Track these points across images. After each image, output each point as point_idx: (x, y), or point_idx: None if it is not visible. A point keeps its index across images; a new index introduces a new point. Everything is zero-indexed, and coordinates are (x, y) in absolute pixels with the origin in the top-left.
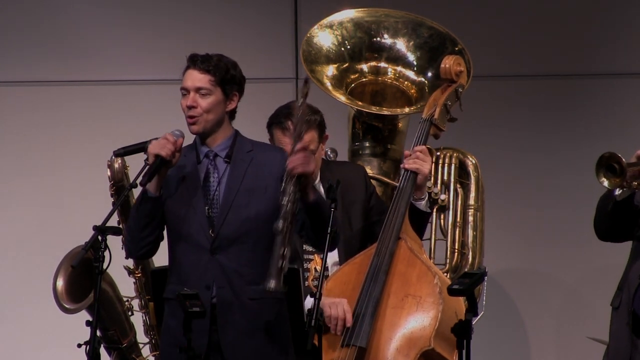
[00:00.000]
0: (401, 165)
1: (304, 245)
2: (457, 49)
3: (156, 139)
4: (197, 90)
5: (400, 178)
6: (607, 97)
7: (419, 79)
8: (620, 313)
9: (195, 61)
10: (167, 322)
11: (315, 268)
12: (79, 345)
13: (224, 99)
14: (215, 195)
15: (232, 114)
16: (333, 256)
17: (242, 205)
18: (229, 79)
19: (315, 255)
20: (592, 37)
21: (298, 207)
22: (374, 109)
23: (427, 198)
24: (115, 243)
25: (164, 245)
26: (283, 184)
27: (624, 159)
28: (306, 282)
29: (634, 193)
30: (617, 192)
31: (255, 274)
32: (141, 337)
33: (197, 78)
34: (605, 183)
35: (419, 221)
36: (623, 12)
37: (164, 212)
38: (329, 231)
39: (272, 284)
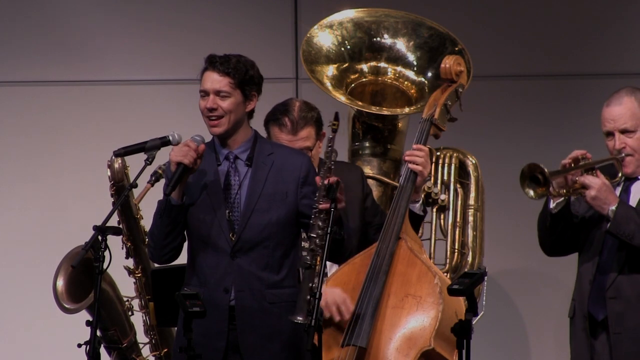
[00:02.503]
0: (403, 157)
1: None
2: (457, 49)
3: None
4: (217, 92)
5: (401, 178)
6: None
7: (419, 79)
8: (576, 321)
9: (214, 63)
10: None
11: None
12: (79, 345)
13: (244, 100)
14: (236, 198)
15: (250, 114)
16: None
17: (263, 209)
18: (247, 80)
19: None
20: (592, 37)
21: (329, 243)
22: (374, 109)
23: (421, 201)
24: (115, 243)
25: None
26: (312, 220)
27: (546, 169)
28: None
29: (569, 204)
30: (552, 205)
31: (274, 278)
32: (141, 337)
33: (216, 80)
34: (531, 193)
35: (413, 224)
36: (623, 13)
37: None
38: (328, 231)
39: (299, 317)
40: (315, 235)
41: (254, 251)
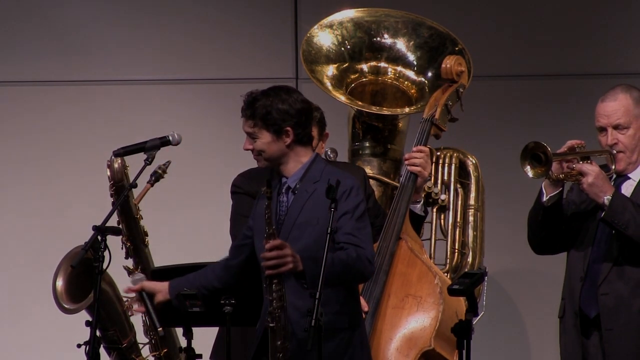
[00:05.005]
0: (404, 158)
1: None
2: (457, 49)
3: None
4: (249, 135)
5: (402, 179)
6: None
7: (419, 78)
8: (566, 320)
9: (242, 108)
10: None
11: None
12: (79, 345)
13: (274, 137)
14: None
15: (301, 142)
16: None
17: (295, 238)
18: (272, 119)
19: None
20: (592, 37)
21: (285, 303)
22: (374, 109)
23: (422, 202)
24: (115, 243)
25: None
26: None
27: (549, 149)
28: None
29: (562, 198)
30: (545, 198)
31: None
32: (141, 337)
33: (245, 124)
34: (530, 173)
35: (414, 224)
36: (624, 13)
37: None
38: (328, 231)
39: None
40: (272, 308)
41: (289, 280)
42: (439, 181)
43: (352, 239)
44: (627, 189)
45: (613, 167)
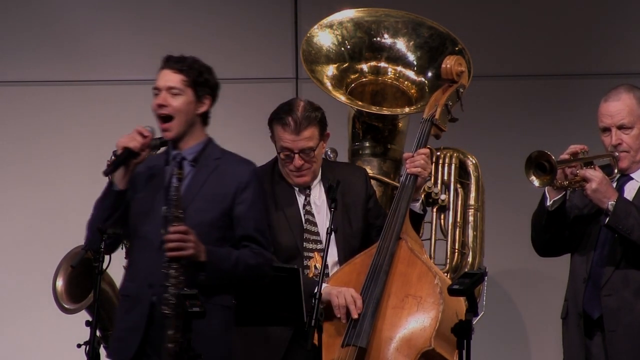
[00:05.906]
0: (403, 157)
1: (304, 243)
2: (457, 49)
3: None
4: (169, 89)
5: (402, 179)
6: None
7: (419, 78)
8: (569, 322)
9: (169, 61)
10: (117, 316)
11: (315, 266)
12: (79, 345)
13: (195, 101)
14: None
15: (204, 119)
16: (333, 256)
17: (197, 209)
18: (201, 81)
19: (315, 253)
20: (592, 37)
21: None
22: (374, 109)
23: (421, 200)
24: None
25: None
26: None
27: (553, 157)
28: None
29: (565, 202)
30: (549, 202)
31: (201, 278)
32: None
33: (169, 78)
34: (536, 182)
35: (413, 223)
36: (623, 12)
37: (127, 209)
38: (328, 231)
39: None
40: (168, 295)
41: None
42: (439, 181)
43: (260, 238)
44: (630, 190)
45: (616, 170)
